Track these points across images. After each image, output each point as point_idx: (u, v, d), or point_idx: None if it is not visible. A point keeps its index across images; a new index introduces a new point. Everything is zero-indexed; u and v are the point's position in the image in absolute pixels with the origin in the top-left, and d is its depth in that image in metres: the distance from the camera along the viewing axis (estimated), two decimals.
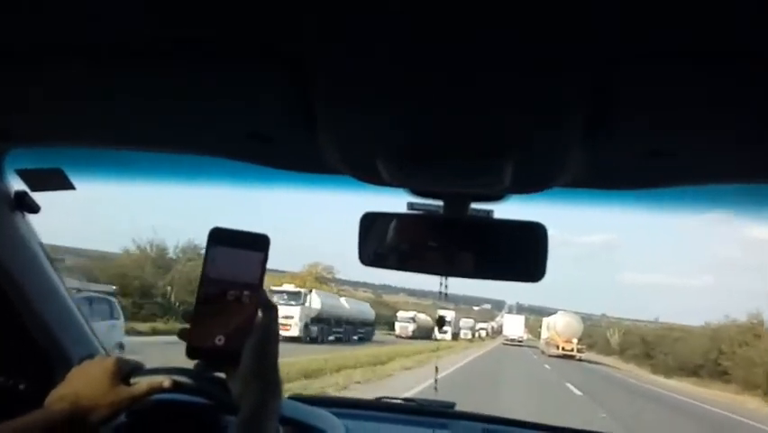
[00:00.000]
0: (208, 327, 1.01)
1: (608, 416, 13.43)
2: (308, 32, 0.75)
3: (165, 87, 0.98)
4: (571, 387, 20.43)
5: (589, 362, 47.75)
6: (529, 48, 0.74)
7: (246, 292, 1.02)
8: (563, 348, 47.82)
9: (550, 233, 1.22)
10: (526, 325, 79.43)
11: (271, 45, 0.79)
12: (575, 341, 49.28)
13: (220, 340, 1.01)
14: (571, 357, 46.45)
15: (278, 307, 1.06)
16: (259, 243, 1.03)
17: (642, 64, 0.76)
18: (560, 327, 50.58)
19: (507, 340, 68.98)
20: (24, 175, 1.41)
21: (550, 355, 46.27)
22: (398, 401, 2.55)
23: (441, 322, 52.60)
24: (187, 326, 1.02)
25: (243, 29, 0.77)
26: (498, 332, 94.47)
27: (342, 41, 0.76)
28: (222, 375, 1.05)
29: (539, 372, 28.63)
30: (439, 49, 0.75)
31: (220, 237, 1.04)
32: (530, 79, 0.81)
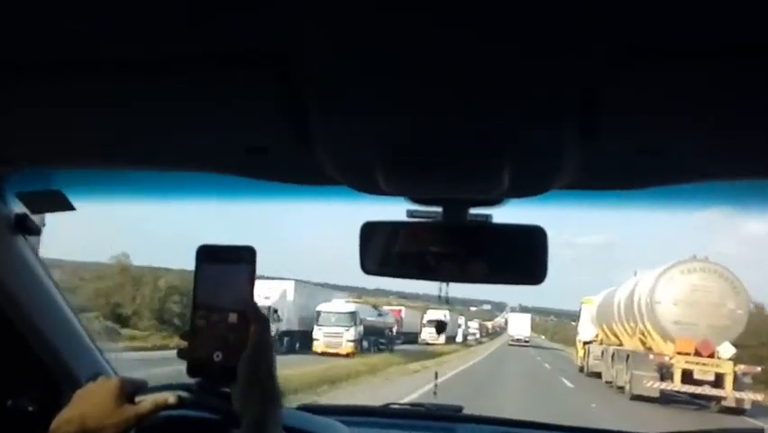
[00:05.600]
0: (205, 345, 1.03)
1: None
2: (299, 45, 0.76)
3: (159, 105, 0.99)
4: None
5: None
6: (522, 52, 0.74)
7: (238, 306, 1.04)
8: (699, 381, 15.87)
9: (549, 234, 1.23)
10: (532, 324, 77.17)
11: (262, 59, 0.80)
12: (725, 351, 16.02)
13: (218, 356, 1.03)
14: (733, 412, 14.99)
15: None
16: (246, 255, 1.05)
17: (634, 64, 0.76)
18: (673, 314, 16.51)
19: (512, 340, 63.97)
20: (24, 198, 1.42)
21: (634, 397, 16.39)
22: (406, 407, 2.56)
23: (441, 327, 42.00)
24: (185, 345, 1.04)
25: (234, 43, 0.78)
26: (494, 333, 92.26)
27: (332, 53, 0.77)
28: (227, 389, 1.07)
29: None
30: (431, 56, 0.76)
31: (208, 254, 1.05)
32: (524, 83, 0.82)
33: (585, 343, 24.65)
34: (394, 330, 39.29)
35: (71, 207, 1.48)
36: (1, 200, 1.39)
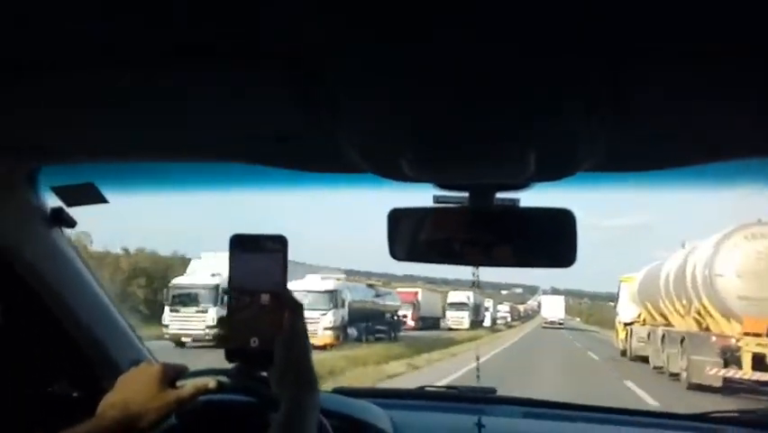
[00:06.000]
0: (242, 331, 1.06)
1: None
2: (323, 34, 0.77)
3: (185, 96, 1.01)
4: None
5: None
6: (547, 36, 0.75)
7: (272, 293, 1.06)
8: None
9: (578, 216, 1.23)
10: (566, 307, 75.73)
11: (288, 48, 0.81)
12: None
13: (254, 342, 1.05)
14: None
15: None
16: (277, 244, 1.07)
17: (657, 47, 0.76)
18: (737, 288, 12.94)
19: (546, 323, 62.12)
20: (59, 191, 1.46)
21: (692, 386, 13.10)
22: (441, 389, 2.58)
23: (477, 311, 39.27)
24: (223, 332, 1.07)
25: (258, 34, 0.79)
26: (526, 317, 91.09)
27: (357, 41, 0.77)
28: (265, 374, 1.09)
29: None
30: (457, 41, 0.76)
31: (240, 244, 1.08)
32: (549, 67, 0.82)
33: (626, 324, 21.42)
34: (401, 314, 33.81)
35: (104, 200, 1.51)
36: (36, 194, 1.42)
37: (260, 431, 1.36)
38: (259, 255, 1.07)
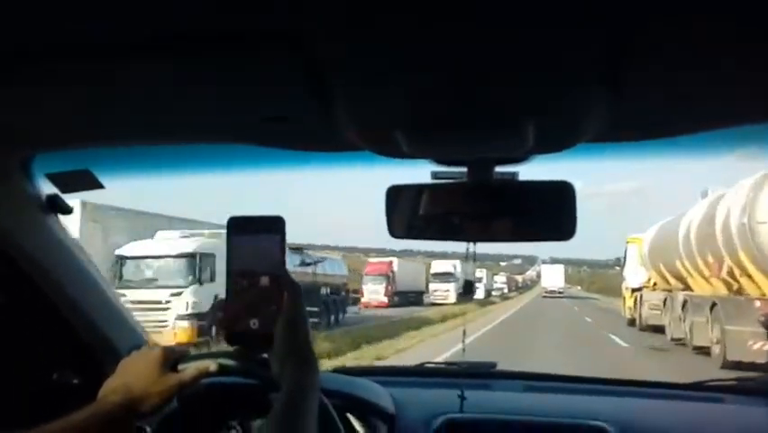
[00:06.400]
0: (242, 314, 1.07)
1: None
2: (316, 11, 0.75)
3: (179, 78, 0.99)
4: None
5: None
6: (546, 8, 0.73)
7: (271, 275, 1.06)
8: None
9: (577, 185, 1.22)
10: (566, 275, 76.42)
11: (280, 27, 0.79)
12: None
13: (254, 324, 1.06)
14: None
15: None
16: (275, 225, 1.07)
17: (657, 19, 0.75)
18: None
19: (546, 292, 63.77)
20: (54, 178, 1.45)
21: (728, 364, 10.46)
22: (441, 366, 2.60)
23: (469, 287, 34.16)
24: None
25: (257, 17, 0.77)
26: (525, 287, 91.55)
27: (350, 17, 0.76)
28: (266, 356, 1.09)
29: None
30: (452, 12, 0.75)
31: (238, 226, 1.07)
32: (546, 37, 0.81)
33: (634, 290, 19.16)
34: (361, 288, 28.60)
35: (100, 186, 1.50)
36: (31, 181, 1.41)
37: (263, 413, 1.36)
38: (256, 237, 1.07)
